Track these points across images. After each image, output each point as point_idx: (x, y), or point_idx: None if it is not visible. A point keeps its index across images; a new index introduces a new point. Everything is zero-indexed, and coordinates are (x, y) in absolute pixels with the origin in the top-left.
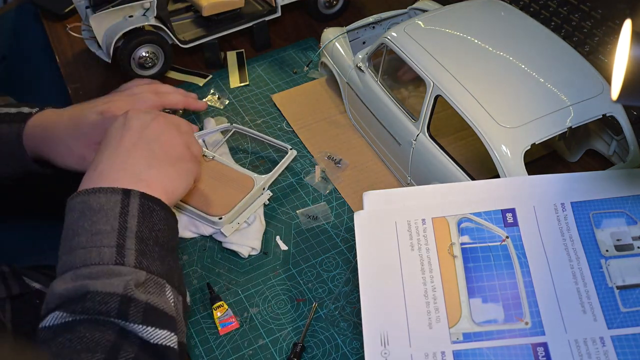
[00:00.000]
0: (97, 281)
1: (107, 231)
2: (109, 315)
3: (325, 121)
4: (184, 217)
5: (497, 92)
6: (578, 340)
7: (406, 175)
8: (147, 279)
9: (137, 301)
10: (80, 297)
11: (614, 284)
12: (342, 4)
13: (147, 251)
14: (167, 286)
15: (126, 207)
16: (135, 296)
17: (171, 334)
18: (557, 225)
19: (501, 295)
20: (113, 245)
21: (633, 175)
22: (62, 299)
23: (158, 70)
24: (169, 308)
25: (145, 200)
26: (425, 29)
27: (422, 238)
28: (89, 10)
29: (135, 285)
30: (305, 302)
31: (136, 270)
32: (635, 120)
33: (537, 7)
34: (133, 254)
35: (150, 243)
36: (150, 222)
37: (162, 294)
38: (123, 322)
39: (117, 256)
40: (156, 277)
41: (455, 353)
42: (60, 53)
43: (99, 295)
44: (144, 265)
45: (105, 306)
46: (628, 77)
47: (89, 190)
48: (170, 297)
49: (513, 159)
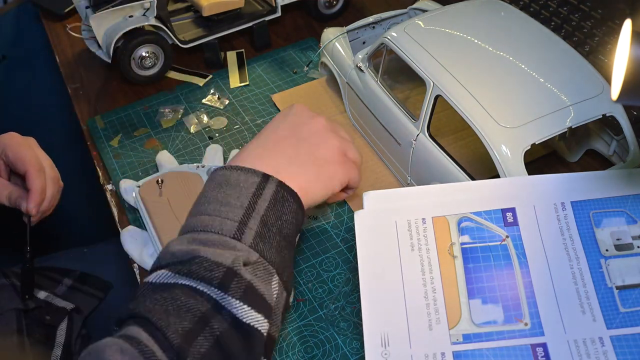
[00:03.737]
0: (209, 249)
1: (236, 206)
2: (210, 283)
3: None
4: None
5: (497, 92)
6: (577, 340)
7: (406, 175)
8: (258, 261)
9: (241, 277)
10: (189, 260)
11: (613, 284)
12: (342, 4)
13: (266, 236)
14: (275, 277)
15: (261, 189)
16: (240, 272)
17: (264, 320)
18: (557, 224)
19: (501, 296)
20: (237, 220)
21: (633, 175)
22: (173, 258)
23: (158, 70)
24: (269, 296)
25: (280, 189)
26: (425, 29)
27: (422, 238)
28: (89, 10)
29: (244, 264)
30: (306, 302)
31: (250, 249)
32: (635, 120)
33: (537, 7)
34: (252, 234)
35: (273, 230)
36: (279, 210)
37: (267, 282)
38: (221, 294)
39: (236, 231)
40: (267, 264)
41: (455, 354)
42: (60, 53)
43: (207, 262)
44: (259, 248)
45: (209, 273)
46: (628, 77)
47: (233, 167)
48: (275, 288)
49: (513, 159)
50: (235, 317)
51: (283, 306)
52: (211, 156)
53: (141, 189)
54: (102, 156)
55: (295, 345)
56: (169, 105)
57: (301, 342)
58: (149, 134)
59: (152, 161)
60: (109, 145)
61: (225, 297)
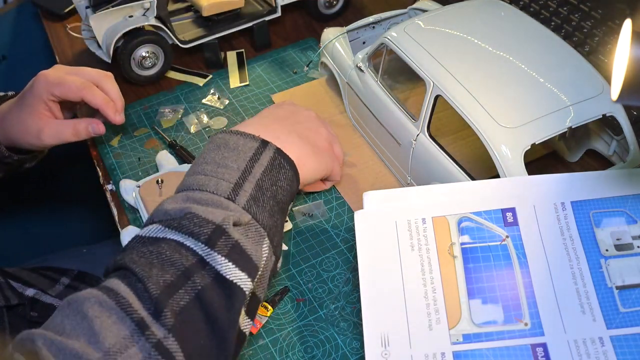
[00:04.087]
0: (202, 206)
1: (233, 168)
2: (198, 238)
3: (325, 121)
4: None
5: (497, 92)
6: (577, 340)
7: (406, 175)
8: (250, 223)
9: (229, 236)
10: (181, 216)
11: (613, 284)
12: (342, 4)
13: (260, 199)
14: (266, 240)
15: (259, 154)
16: (229, 231)
17: (248, 279)
18: (557, 224)
19: (501, 296)
20: (232, 181)
21: (633, 175)
22: (166, 215)
23: (158, 70)
24: (257, 257)
25: (278, 156)
26: (425, 29)
27: (422, 238)
28: (89, 10)
29: (235, 224)
30: (306, 302)
31: (242, 211)
32: (635, 120)
33: (537, 7)
34: (246, 196)
35: (267, 194)
36: (275, 176)
37: (258, 243)
38: (207, 250)
39: (231, 192)
40: (259, 226)
41: (455, 354)
42: (60, 53)
43: (197, 218)
44: (252, 211)
45: (198, 229)
46: (628, 77)
47: (233, 131)
48: (265, 250)
49: (513, 159)
50: (219, 273)
51: (271, 270)
52: None
53: (141, 189)
54: (102, 156)
55: (295, 345)
56: (169, 105)
57: (301, 342)
58: (149, 134)
59: (152, 161)
60: (109, 145)
61: (211, 253)
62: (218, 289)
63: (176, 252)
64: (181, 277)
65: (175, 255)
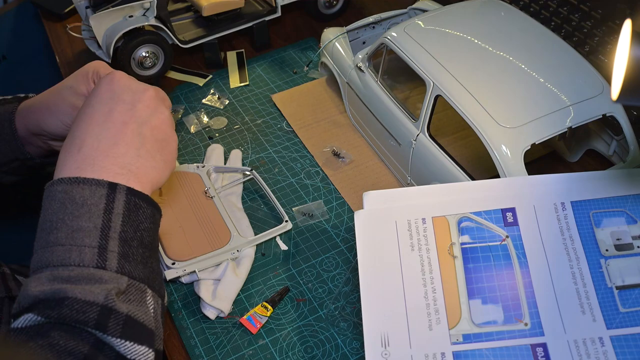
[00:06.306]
0: (77, 287)
1: (89, 229)
2: (86, 324)
3: (325, 121)
4: None
5: (497, 92)
6: (577, 340)
7: (406, 175)
8: (129, 285)
9: (118, 313)
10: (57, 302)
11: (613, 284)
12: (342, 4)
13: (130, 254)
14: (148, 291)
15: (111, 203)
16: (116, 307)
17: (149, 350)
18: (557, 224)
19: (501, 296)
20: (95, 245)
21: (633, 175)
22: (36, 300)
23: (158, 70)
24: (148, 320)
25: (131, 197)
26: (425, 29)
27: (422, 238)
28: (89, 10)
29: (117, 294)
30: (306, 302)
31: (118, 275)
32: (635, 120)
33: (537, 7)
34: (115, 257)
35: (134, 244)
36: (135, 220)
37: (142, 302)
38: (100, 334)
39: (98, 259)
40: (138, 283)
41: (455, 354)
42: (60, 53)
43: (78, 304)
44: (126, 270)
45: (83, 315)
46: (628, 77)
47: (72, 180)
48: (150, 304)
49: (513, 159)
50: (120, 354)
51: (161, 314)
52: (211, 156)
53: None
54: None
55: (295, 345)
56: None
57: (301, 342)
58: None
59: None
60: None
61: (105, 337)
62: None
63: (69, 339)
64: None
65: (70, 343)
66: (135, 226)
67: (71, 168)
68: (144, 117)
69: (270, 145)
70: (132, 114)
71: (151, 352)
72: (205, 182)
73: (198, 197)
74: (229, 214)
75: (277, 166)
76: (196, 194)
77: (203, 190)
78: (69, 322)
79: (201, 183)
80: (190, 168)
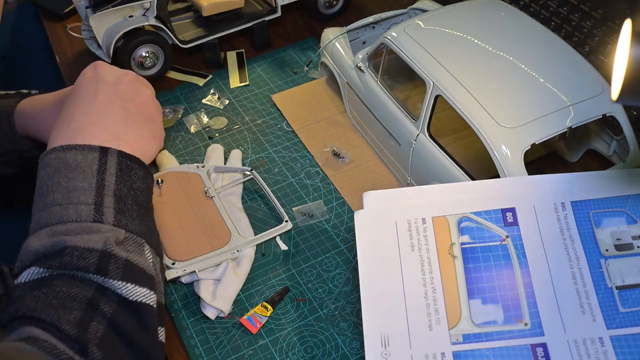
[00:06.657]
0: (76, 237)
1: (85, 188)
2: (87, 270)
3: (325, 121)
4: None
5: (497, 92)
6: (577, 340)
7: (406, 175)
8: (127, 238)
9: (117, 257)
10: (57, 252)
11: (613, 284)
12: (342, 4)
13: (125, 209)
14: (146, 246)
15: (104, 164)
16: (115, 252)
17: (150, 292)
18: (557, 224)
19: (501, 296)
20: (91, 202)
21: (633, 174)
22: (38, 255)
23: (158, 70)
24: (148, 267)
25: (123, 159)
26: (425, 29)
27: (422, 238)
28: (89, 10)
29: (115, 243)
30: (306, 302)
31: (115, 228)
32: (635, 120)
33: (537, 7)
34: (112, 212)
35: (129, 201)
36: (128, 180)
37: (141, 253)
38: (102, 279)
39: (95, 214)
40: (135, 236)
41: (455, 354)
42: (60, 53)
43: (78, 250)
44: (123, 224)
45: (84, 261)
46: (628, 77)
47: (65, 147)
48: (149, 257)
49: (513, 159)
50: (122, 296)
51: (161, 270)
52: (211, 156)
53: None
54: None
55: (295, 345)
56: (169, 105)
57: (301, 342)
58: None
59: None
60: None
61: (107, 280)
62: (126, 312)
63: (72, 286)
64: (88, 310)
65: (72, 289)
66: (128, 185)
67: (62, 139)
68: (128, 96)
69: (270, 145)
70: (117, 93)
71: (152, 294)
72: (205, 182)
73: (198, 197)
74: (229, 214)
75: (277, 166)
76: (196, 194)
77: (203, 190)
78: (70, 269)
79: (201, 183)
80: (190, 168)
